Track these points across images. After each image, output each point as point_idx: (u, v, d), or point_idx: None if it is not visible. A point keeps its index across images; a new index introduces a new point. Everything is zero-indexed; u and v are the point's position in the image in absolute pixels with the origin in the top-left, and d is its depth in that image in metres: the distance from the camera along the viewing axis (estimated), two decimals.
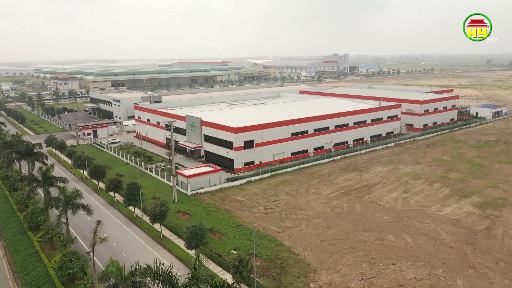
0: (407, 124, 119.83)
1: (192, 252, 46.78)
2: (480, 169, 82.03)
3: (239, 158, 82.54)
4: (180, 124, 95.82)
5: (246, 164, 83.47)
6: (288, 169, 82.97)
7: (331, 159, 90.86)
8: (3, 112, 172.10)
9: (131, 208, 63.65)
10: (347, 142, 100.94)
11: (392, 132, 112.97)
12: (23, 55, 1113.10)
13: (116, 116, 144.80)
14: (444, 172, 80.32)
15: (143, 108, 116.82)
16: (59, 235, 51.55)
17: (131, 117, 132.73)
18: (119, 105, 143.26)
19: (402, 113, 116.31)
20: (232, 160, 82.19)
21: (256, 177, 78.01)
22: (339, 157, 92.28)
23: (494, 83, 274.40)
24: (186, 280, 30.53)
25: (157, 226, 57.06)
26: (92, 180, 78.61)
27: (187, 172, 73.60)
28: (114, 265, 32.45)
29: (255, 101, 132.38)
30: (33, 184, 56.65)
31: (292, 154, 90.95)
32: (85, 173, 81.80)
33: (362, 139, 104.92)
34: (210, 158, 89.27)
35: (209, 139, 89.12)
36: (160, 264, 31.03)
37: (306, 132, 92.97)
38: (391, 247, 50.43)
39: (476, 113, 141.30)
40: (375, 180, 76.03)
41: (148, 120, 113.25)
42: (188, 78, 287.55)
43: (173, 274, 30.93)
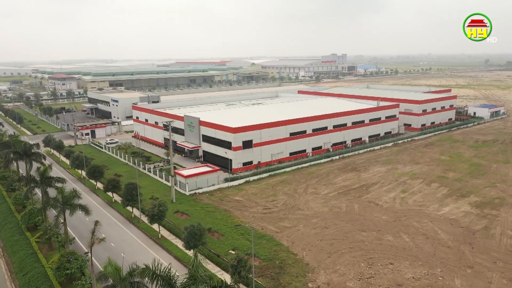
0: (405, 124, 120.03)
1: (191, 252, 46.78)
2: (478, 169, 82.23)
3: (238, 158, 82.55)
4: (179, 124, 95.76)
5: (245, 164, 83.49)
6: (287, 169, 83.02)
7: (330, 159, 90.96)
8: (1, 112, 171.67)
9: (129, 208, 63.62)
10: (345, 142, 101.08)
11: (390, 132, 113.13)
12: (23, 55, 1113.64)
13: (114, 116, 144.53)
14: (442, 172, 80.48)
15: (141, 108, 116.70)
16: (57, 236, 51.40)
17: (129, 117, 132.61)
18: (117, 105, 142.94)
19: (400, 113, 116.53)
20: (231, 160, 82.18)
21: (255, 177, 78.03)
22: (337, 157, 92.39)
23: (492, 83, 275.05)
24: (185, 280, 30.54)
25: (155, 226, 57.01)
26: (90, 181, 78.50)
27: (186, 172, 73.57)
28: (112, 266, 32.40)
29: (253, 101, 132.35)
30: (31, 185, 56.47)
31: (291, 154, 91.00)
32: (83, 174, 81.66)
33: (360, 139, 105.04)
34: (209, 158, 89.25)
35: (208, 139, 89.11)
36: (159, 264, 30.99)
37: (305, 132, 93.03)
38: (389, 247, 50.50)
39: (474, 113, 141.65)
40: (373, 180, 76.12)
41: (146, 120, 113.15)
42: (186, 78, 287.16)
43: (172, 274, 30.90)
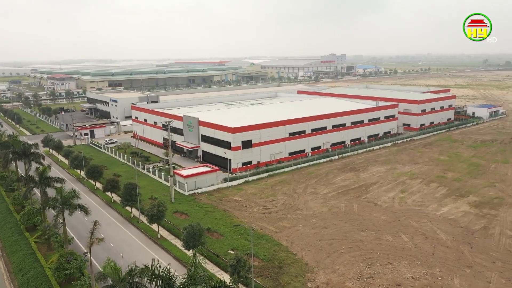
0: (404, 124, 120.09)
1: (190, 253, 46.74)
2: (477, 169, 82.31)
3: (237, 158, 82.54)
4: (178, 124, 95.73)
5: (244, 164, 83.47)
6: (286, 169, 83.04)
7: (329, 159, 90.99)
8: (0, 113, 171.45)
9: (129, 209, 63.58)
10: (345, 142, 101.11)
11: (389, 132, 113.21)
12: (23, 55, 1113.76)
13: (113, 116, 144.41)
14: (441, 172, 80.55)
15: (141, 108, 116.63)
16: (56, 236, 51.35)
17: (128, 117, 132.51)
18: (116, 105, 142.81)
19: (399, 113, 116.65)
20: (230, 160, 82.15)
21: (254, 177, 78.03)
22: (337, 157, 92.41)
23: (491, 83, 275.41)
24: (184, 281, 30.50)
25: (155, 227, 56.96)
26: (89, 181, 78.44)
27: (185, 172, 73.53)
28: (111, 266, 32.35)
29: (253, 101, 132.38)
30: (30, 185, 56.40)
31: (290, 154, 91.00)
32: (82, 174, 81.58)
33: (360, 139, 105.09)
34: (208, 158, 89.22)
35: (207, 139, 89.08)
36: (158, 265, 30.95)
37: (304, 132, 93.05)
38: (389, 247, 50.53)
39: (473, 113, 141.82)
40: (373, 180, 76.16)
41: (146, 120, 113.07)
42: (186, 78, 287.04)
43: (171, 275, 30.86)
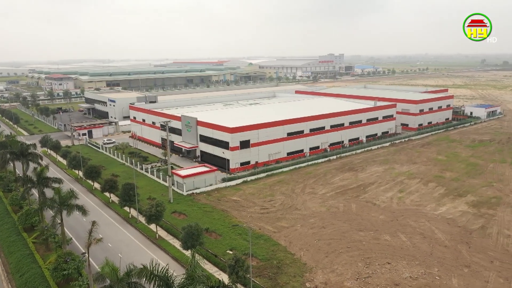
0: (402, 124, 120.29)
1: (188, 253, 46.68)
2: (475, 169, 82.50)
3: (235, 158, 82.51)
4: (176, 124, 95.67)
5: (242, 164, 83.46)
6: (284, 169, 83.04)
7: (327, 159, 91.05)
8: None
9: (127, 209, 63.49)
10: (343, 142, 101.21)
11: (388, 132, 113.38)
12: (23, 55, 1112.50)
13: (111, 116, 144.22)
14: (439, 172, 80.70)
15: (139, 108, 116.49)
16: (54, 236, 51.27)
17: (127, 117, 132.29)
18: (114, 105, 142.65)
19: (397, 113, 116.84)
20: (228, 160, 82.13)
21: (252, 177, 78.01)
22: (335, 157, 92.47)
23: (489, 83, 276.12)
24: (182, 281, 30.51)
25: (153, 227, 56.92)
26: (87, 181, 78.30)
27: (183, 172, 73.47)
28: (110, 266, 32.31)
29: (251, 101, 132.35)
30: (28, 185, 56.28)
31: (288, 154, 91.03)
32: (80, 174, 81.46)
33: (358, 139, 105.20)
34: (206, 158, 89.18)
35: (205, 139, 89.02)
36: (156, 265, 30.96)
37: (302, 132, 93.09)
38: (387, 247, 50.60)
39: (471, 113, 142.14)
40: (371, 180, 76.25)
41: (144, 120, 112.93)
42: (184, 78, 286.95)
43: (169, 275, 30.87)
